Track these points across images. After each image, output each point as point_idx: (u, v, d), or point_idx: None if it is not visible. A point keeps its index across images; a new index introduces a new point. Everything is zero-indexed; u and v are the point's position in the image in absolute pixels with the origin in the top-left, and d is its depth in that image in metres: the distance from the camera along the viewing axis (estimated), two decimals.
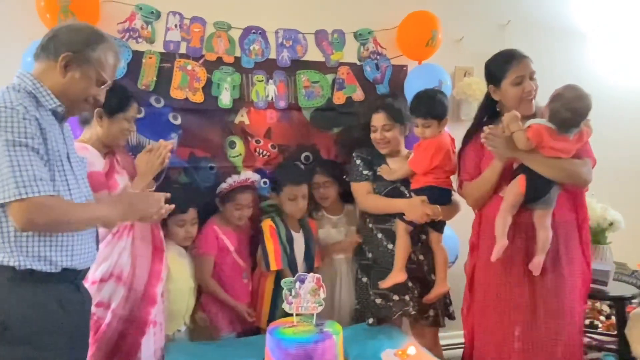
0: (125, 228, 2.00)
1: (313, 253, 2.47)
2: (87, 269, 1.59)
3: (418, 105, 2.24)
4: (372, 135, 2.38)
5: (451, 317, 2.43)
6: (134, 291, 1.99)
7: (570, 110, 1.86)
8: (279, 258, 2.35)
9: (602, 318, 3.00)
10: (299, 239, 2.45)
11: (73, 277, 1.50)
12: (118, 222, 1.70)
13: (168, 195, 1.76)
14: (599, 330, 2.91)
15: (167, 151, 2.14)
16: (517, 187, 1.93)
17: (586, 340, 2.86)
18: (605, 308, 3.03)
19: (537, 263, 1.91)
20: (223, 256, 2.37)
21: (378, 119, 2.36)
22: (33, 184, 1.32)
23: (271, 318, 2.32)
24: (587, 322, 2.94)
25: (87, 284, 1.73)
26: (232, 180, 2.40)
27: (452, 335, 2.82)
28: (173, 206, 1.78)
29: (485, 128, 1.95)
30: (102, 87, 1.54)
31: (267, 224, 2.41)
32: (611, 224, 2.62)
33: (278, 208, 2.46)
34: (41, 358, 1.39)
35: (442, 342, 2.59)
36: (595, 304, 3.03)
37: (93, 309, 1.82)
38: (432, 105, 2.20)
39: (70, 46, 1.46)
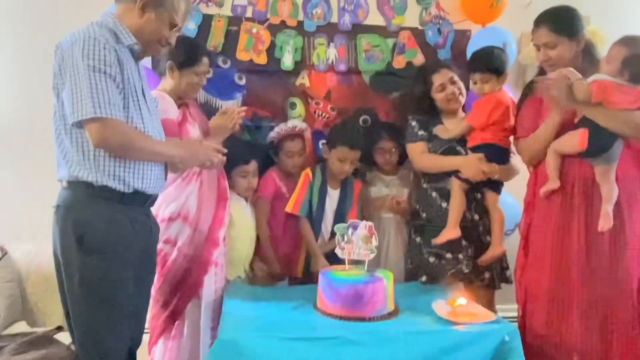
0: (194, 174, 2.14)
1: (346, 213, 2.45)
2: (156, 196, 1.74)
3: (475, 61, 2.22)
4: (440, 95, 2.32)
5: (508, 280, 2.38)
6: (198, 232, 2.12)
7: None
8: (298, 204, 2.41)
9: None
10: (333, 196, 2.47)
11: (143, 201, 1.65)
12: (178, 165, 1.83)
13: (225, 150, 1.91)
14: None
15: (239, 117, 2.26)
16: (576, 140, 1.86)
17: None
18: None
19: (604, 214, 1.82)
20: (279, 201, 2.47)
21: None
22: (108, 107, 1.47)
23: (307, 267, 2.44)
24: None
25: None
26: (279, 128, 2.49)
27: (506, 308, 2.75)
28: (225, 158, 1.91)
29: (545, 76, 1.90)
30: (174, 30, 1.67)
31: (305, 172, 2.48)
32: None
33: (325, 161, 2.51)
34: (111, 268, 1.56)
35: None
36: None
37: (160, 244, 1.98)
38: (490, 60, 2.18)
39: None
